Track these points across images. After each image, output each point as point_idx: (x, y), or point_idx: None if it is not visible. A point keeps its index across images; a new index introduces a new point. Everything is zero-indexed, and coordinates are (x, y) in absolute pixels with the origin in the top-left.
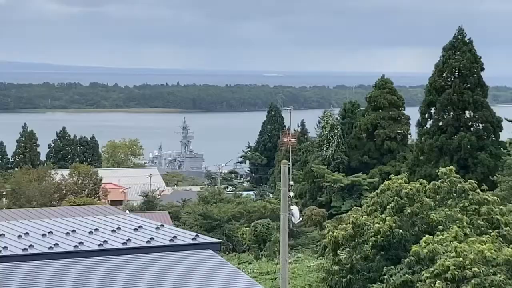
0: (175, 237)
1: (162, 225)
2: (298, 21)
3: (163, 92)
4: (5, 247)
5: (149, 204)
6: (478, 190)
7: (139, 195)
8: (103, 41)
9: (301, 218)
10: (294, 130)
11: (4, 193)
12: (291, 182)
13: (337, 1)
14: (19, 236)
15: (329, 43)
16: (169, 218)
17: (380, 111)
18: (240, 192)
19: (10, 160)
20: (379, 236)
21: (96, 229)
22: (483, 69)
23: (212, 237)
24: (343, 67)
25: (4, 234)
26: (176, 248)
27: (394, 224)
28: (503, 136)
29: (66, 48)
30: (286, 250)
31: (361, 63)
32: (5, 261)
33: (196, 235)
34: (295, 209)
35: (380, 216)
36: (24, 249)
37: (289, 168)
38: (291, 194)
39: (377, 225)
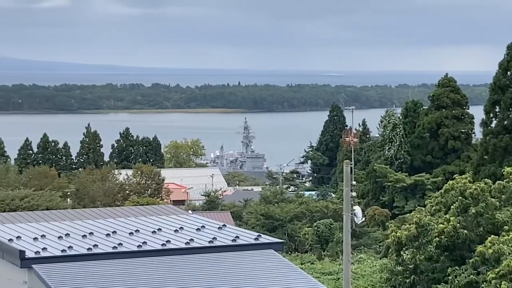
0: (237, 237)
1: (224, 225)
2: (360, 20)
3: (224, 93)
4: (70, 247)
5: (211, 204)
6: None
7: (201, 195)
8: (165, 42)
9: (363, 218)
10: (356, 129)
11: (68, 193)
12: (354, 182)
13: (400, 0)
14: (84, 236)
15: (391, 42)
16: (231, 218)
17: (444, 110)
18: (302, 192)
19: (74, 161)
20: (443, 237)
21: (159, 229)
22: None
23: (274, 237)
24: (405, 66)
25: (69, 234)
26: (239, 248)
27: (458, 225)
28: None
29: (128, 49)
30: (349, 250)
31: (423, 62)
32: (70, 261)
33: (259, 235)
34: (357, 209)
35: (444, 216)
36: (89, 249)
37: (351, 168)
38: (354, 194)
39: (441, 225)
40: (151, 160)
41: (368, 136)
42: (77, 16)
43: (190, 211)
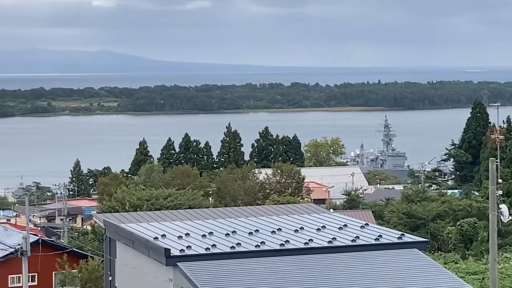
0: (380, 236)
1: (366, 224)
2: (499, 15)
3: (364, 91)
4: (213, 245)
5: (352, 203)
6: None
7: (342, 194)
8: (304, 40)
9: (510, 217)
10: (500, 126)
11: (210, 192)
12: (500, 180)
13: None
14: (227, 234)
15: None
16: (373, 217)
17: None
18: (445, 191)
19: (215, 160)
20: None
21: (301, 228)
22: None
23: (417, 236)
24: None
25: (212, 232)
26: (382, 247)
27: None
28: None
29: (268, 49)
30: (495, 249)
31: None
32: (214, 259)
33: (402, 234)
34: (504, 208)
35: None
36: (232, 247)
37: (497, 166)
38: (500, 192)
39: None
40: (291, 159)
41: None
42: (219, 17)
43: (331, 210)
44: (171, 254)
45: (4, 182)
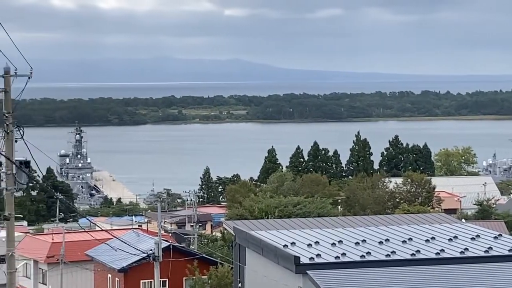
0: None
1: (500, 235)
2: None
3: (497, 99)
4: (343, 254)
5: (483, 213)
6: None
7: (473, 204)
8: (435, 48)
9: None
10: None
11: (339, 200)
12: None
13: None
14: (357, 243)
15: None
16: (505, 228)
17: None
18: None
19: (344, 169)
20: None
21: (433, 238)
22: None
23: None
24: None
25: (342, 241)
26: None
27: None
28: None
29: (397, 56)
30: None
31: None
32: (344, 267)
33: None
34: None
35: None
36: (362, 256)
37: None
38: None
39: None
40: (421, 168)
41: None
42: (349, 25)
43: (463, 220)
44: (301, 262)
45: (136, 188)
